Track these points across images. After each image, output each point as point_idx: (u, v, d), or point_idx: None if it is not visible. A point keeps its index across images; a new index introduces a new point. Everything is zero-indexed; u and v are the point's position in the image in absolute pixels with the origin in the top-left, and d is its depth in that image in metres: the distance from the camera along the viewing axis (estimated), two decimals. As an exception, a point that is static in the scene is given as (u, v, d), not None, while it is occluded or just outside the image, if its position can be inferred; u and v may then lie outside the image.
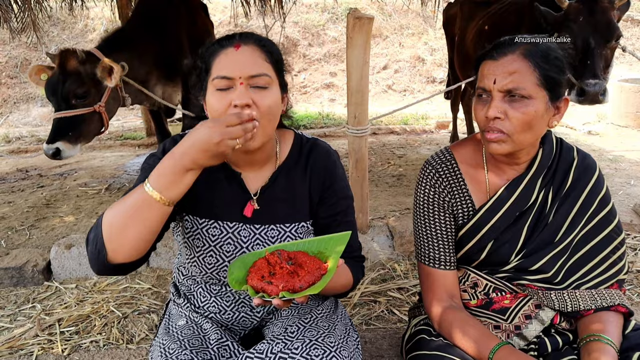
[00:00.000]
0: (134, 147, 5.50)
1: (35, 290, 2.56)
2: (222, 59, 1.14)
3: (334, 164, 1.34)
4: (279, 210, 1.30)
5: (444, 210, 1.34)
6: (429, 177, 1.34)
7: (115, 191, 3.93)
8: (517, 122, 1.15)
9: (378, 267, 2.62)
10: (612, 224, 1.28)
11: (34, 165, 4.90)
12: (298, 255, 1.08)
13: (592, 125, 5.71)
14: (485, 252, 1.31)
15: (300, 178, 1.31)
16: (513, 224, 1.29)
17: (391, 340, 1.84)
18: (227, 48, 1.15)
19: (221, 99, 1.12)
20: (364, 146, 2.57)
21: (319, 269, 1.05)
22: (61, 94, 2.77)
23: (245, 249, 1.27)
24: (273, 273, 1.04)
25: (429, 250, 1.36)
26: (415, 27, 9.60)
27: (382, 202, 3.37)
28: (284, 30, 7.84)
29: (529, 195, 1.28)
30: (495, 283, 1.33)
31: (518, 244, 1.29)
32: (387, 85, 8.61)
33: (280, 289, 0.99)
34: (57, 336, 2.12)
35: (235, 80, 1.12)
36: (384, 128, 5.91)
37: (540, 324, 1.29)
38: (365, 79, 2.44)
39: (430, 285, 1.35)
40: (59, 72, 2.79)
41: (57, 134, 2.78)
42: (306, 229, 1.33)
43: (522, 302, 1.31)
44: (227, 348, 1.22)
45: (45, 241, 2.97)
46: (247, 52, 1.14)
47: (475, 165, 1.34)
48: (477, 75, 1.24)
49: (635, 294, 2.28)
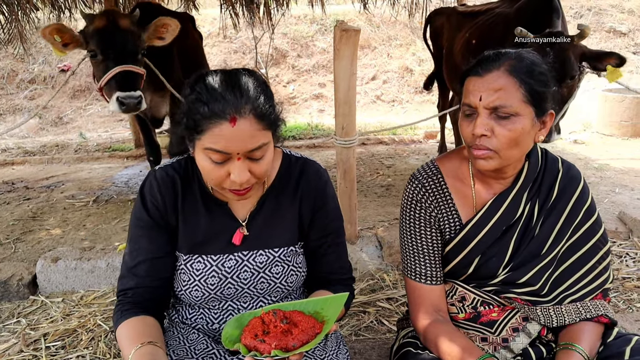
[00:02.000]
0: (122, 158, 5.47)
1: (20, 304, 2.52)
2: (216, 133, 1.05)
3: (325, 184, 1.31)
4: (267, 234, 1.28)
5: (430, 225, 1.33)
6: (415, 192, 1.33)
7: (102, 203, 3.90)
8: (504, 140, 1.14)
9: (367, 278, 2.62)
10: (597, 234, 1.29)
11: (20, 177, 4.85)
12: (293, 315, 1.08)
13: (578, 135, 5.80)
14: (472, 266, 1.31)
15: (290, 200, 1.29)
16: (500, 238, 1.29)
17: (380, 351, 1.83)
18: (222, 122, 1.04)
19: (217, 169, 1.09)
20: (352, 157, 2.58)
21: (313, 327, 1.05)
22: (131, 48, 2.74)
23: (230, 279, 1.26)
24: (267, 332, 1.04)
25: (415, 265, 1.35)
26: (403, 38, 9.70)
27: (370, 213, 3.38)
28: (273, 41, 7.88)
29: (516, 209, 1.28)
30: (482, 297, 1.33)
31: (505, 258, 1.28)
32: (375, 96, 8.67)
33: (273, 347, 0.99)
34: (43, 351, 2.09)
35: (232, 155, 1.08)
36: (373, 138, 5.94)
37: (528, 337, 1.29)
38: (352, 90, 2.46)
39: (417, 300, 1.35)
40: (117, 28, 2.72)
41: (133, 84, 2.71)
42: (294, 252, 1.31)
43: (510, 315, 1.32)
44: (214, 356, 1.22)
45: (31, 254, 2.93)
46: (244, 126, 1.05)
47: (462, 179, 1.33)
48: (463, 90, 1.22)
49: (621, 300, 2.30)
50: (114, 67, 2.67)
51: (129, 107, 2.67)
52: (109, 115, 8.13)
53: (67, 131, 7.55)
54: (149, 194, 1.24)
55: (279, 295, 1.32)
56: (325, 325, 1.07)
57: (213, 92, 1.06)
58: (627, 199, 3.45)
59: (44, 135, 7.34)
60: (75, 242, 3.09)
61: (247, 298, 1.29)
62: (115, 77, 2.68)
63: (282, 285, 1.29)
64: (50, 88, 8.37)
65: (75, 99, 8.41)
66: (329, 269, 1.34)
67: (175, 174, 1.26)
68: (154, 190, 1.24)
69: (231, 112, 1.04)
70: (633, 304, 2.27)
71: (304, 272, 1.33)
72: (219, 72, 1.12)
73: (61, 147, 6.17)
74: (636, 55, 9.06)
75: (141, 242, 1.24)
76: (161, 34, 2.89)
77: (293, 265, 1.29)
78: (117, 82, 2.68)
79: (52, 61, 8.62)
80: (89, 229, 3.32)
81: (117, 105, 2.68)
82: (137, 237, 1.24)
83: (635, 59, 8.95)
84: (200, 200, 1.26)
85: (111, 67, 2.68)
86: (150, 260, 1.23)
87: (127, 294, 1.22)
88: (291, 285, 1.30)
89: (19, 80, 8.38)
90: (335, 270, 1.35)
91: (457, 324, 1.35)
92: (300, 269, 1.31)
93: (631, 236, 2.89)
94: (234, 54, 9.13)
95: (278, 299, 1.32)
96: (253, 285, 1.27)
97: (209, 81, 1.09)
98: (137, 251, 1.23)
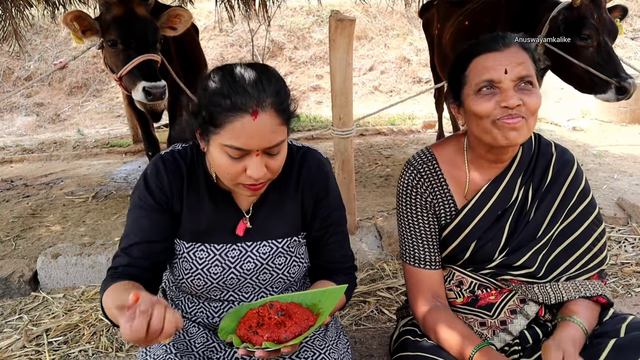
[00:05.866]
0: (121, 154, 5.46)
1: (21, 301, 2.53)
2: (238, 127, 1.03)
3: (327, 174, 1.31)
4: (271, 225, 1.28)
5: (426, 210, 1.34)
6: (410, 178, 1.35)
7: (102, 199, 3.90)
8: (533, 108, 1.17)
9: (367, 268, 2.63)
10: (592, 215, 1.31)
11: (19, 175, 4.85)
12: (290, 307, 1.09)
13: (577, 122, 5.79)
14: (469, 251, 1.32)
15: (292, 191, 1.29)
16: (495, 222, 1.30)
17: (381, 340, 1.85)
18: (243, 115, 1.03)
19: (233, 165, 1.08)
20: (349, 147, 2.58)
21: (307, 320, 1.06)
22: (152, 37, 2.72)
23: (233, 269, 1.26)
24: (261, 324, 1.04)
25: (413, 251, 1.36)
26: (400, 28, 9.67)
27: (370, 203, 3.39)
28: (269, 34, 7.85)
29: (510, 193, 1.29)
30: (480, 280, 1.34)
31: (501, 242, 1.30)
32: (373, 87, 8.65)
33: (265, 339, 1.00)
34: (45, 347, 2.10)
35: (251, 151, 1.07)
36: (371, 129, 5.94)
37: (525, 319, 1.30)
38: (349, 80, 2.45)
39: (415, 286, 1.36)
40: (137, 16, 2.69)
41: (156, 73, 2.68)
42: (297, 242, 1.31)
43: (507, 297, 1.33)
44: (214, 349, 1.22)
45: (32, 251, 2.94)
46: (266, 120, 1.04)
47: (457, 165, 1.34)
48: (471, 69, 1.21)
49: (619, 285, 2.31)
50: (136, 57, 2.63)
51: (155, 96, 2.64)
52: (106, 111, 8.12)
53: (65, 128, 7.54)
54: (155, 177, 1.22)
55: (280, 286, 1.32)
56: (319, 317, 1.07)
57: (234, 85, 1.04)
58: (625, 185, 3.45)
59: (42, 133, 7.33)
60: (75, 238, 3.09)
61: (249, 288, 1.30)
62: (138, 66, 2.63)
63: (284, 276, 1.29)
64: (47, 85, 8.35)
65: (72, 96, 8.39)
66: (331, 259, 1.35)
67: (182, 160, 1.25)
68: (161, 173, 1.22)
69: (253, 105, 1.03)
70: (632, 289, 2.28)
71: (307, 263, 1.34)
72: (238, 65, 1.10)
73: (59, 144, 6.16)
74: (634, 41, 9.03)
75: (141, 223, 1.21)
76: (174, 24, 2.85)
77: (296, 256, 1.30)
78: (140, 72, 2.63)
79: (47, 58, 8.59)
80: (88, 224, 3.33)
81: (143, 95, 2.64)
82: (137, 217, 1.21)
83: (633, 45, 8.92)
84: (205, 189, 1.25)
85: (133, 56, 2.63)
86: (147, 242, 1.20)
87: (117, 269, 1.19)
88: (293, 277, 1.31)
89: (15, 77, 8.35)
90: (337, 260, 1.35)
91: (455, 309, 1.36)
92: (302, 260, 1.32)
93: (630, 222, 2.90)
94: (231, 47, 9.10)
95: (280, 290, 1.33)
96: (256, 275, 1.27)
97: (230, 74, 1.07)
98: (134, 233, 1.20)
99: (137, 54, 2.63)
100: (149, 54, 2.65)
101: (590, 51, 2.55)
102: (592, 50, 2.55)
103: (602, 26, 2.53)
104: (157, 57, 2.71)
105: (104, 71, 8.20)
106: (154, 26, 2.73)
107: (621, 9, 2.62)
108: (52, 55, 8.60)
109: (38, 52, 8.62)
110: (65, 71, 8.41)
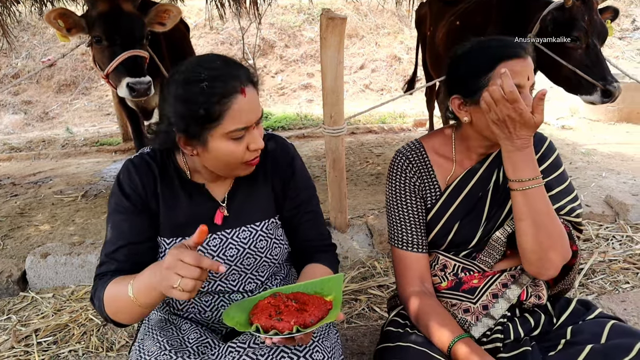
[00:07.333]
0: (111, 152, 5.43)
1: (10, 301, 2.50)
2: (236, 110, 1.10)
3: (292, 156, 1.38)
4: (247, 211, 1.32)
5: (414, 194, 1.42)
6: (399, 164, 1.44)
7: (91, 198, 3.87)
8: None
9: (358, 266, 2.63)
10: (565, 182, 1.35)
11: (7, 174, 4.80)
12: (297, 295, 1.10)
13: (566, 120, 5.84)
14: (451, 234, 1.40)
15: (261, 175, 1.34)
16: (475, 204, 1.38)
17: (372, 337, 1.85)
18: (236, 96, 1.10)
19: (238, 147, 1.15)
20: (340, 146, 2.58)
21: (324, 304, 1.08)
22: (137, 33, 2.68)
23: (216, 258, 1.27)
24: (280, 311, 1.05)
25: (401, 233, 1.42)
26: (391, 26, 9.69)
27: (361, 201, 3.40)
28: (260, 32, 7.83)
29: (490, 176, 1.37)
30: (462, 262, 1.40)
31: (481, 223, 1.38)
32: (364, 85, 8.67)
33: (293, 324, 1.00)
34: (34, 347, 2.08)
35: (250, 126, 1.15)
36: (362, 127, 5.95)
37: (507, 302, 1.34)
38: (340, 79, 2.45)
39: (403, 269, 1.42)
40: (122, 12, 2.65)
41: (141, 69, 2.64)
42: (275, 224, 1.36)
43: (490, 281, 1.37)
44: (207, 345, 1.23)
45: (20, 251, 2.91)
46: (251, 93, 1.13)
47: (443, 155, 1.43)
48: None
49: (607, 282, 2.34)
50: (122, 53, 2.59)
51: (139, 92, 2.60)
52: (95, 109, 8.05)
53: (54, 126, 7.46)
54: (128, 180, 1.26)
55: (265, 270, 1.35)
56: (335, 301, 1.09)
57: (218, 76, 1.10)
58: (613, 182, 3.49)
59: (30, 131, 7.25)
60: (65, 237, 3.06)
61: (235, 276, 1.32)
62: (123, 62, 2.60)
63: (267, 259, 1.33)
64: (35, 83, 8.26)
65: (60, 94, 8.31)
66: (307, 237, 1.40)
67: (151, 160, 1.29)
68: (133, 175, 1.26)
69: (237, 84, 1.10)
70: (619, 285, 2.31)
71: (287, 245, 1.39)
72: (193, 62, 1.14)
73: (48, 142, 6.10)
74: (621, 41, 9.12)
75: (121, 227, 1.23)
76: (163, 19, 2.82)
77: (275, 238, 1.34)
78: (125, 68, 2.60)
79: (35, 55, 8.50)
80: (78, 224, 3.30)
81: (127, 92, 2.60)
82: (117, 222, 1.24)
83: (620, 44, 9.02)
84: (179, 184, 1.28)
85: (118, 53, 2.60)
86: (131, 245, 1.23)
87: (105, 274, 1.20)
88: (276, 258, 1.35)
89: (2, 75, 8.25)
90: (313, 238, 1.40)
91: (440, 295, 1.40)
92: (282, 242, 1.37)
93: (617, 219, 2.93)
94: (221, 45, 9.06)
95: (266, 275, 1.35)
96: (240, 261, 1.30)
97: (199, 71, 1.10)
98: (117, 237, 1.23)
99: (122, 50, 2.59)
100: (135, 49, 2.62)
101: (578, 53, 2.57)
102: (580, 52, 2.56)
103: (592, 28, 2.53)
104: (144, 53, 2.68)
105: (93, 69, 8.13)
106: (140, 22, 2.70)
107: (612, 11, 2.63)
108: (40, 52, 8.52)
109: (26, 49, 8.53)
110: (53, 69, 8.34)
